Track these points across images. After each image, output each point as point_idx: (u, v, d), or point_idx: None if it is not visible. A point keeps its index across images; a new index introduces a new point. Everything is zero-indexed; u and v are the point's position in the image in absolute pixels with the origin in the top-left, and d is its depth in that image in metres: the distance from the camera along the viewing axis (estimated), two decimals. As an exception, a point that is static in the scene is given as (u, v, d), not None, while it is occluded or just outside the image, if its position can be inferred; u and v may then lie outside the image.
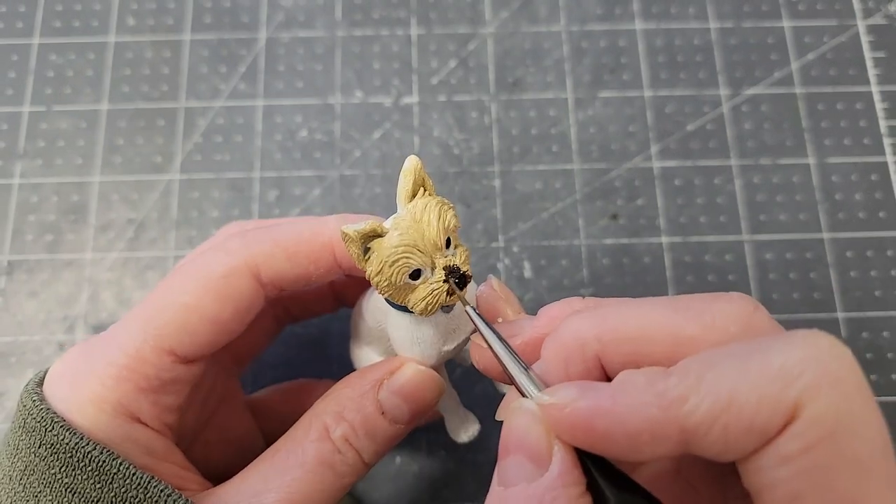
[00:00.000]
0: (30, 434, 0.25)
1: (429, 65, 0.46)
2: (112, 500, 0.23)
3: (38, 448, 0.24)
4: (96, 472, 0.24)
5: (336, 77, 0.46)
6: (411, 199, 0.24)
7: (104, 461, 0.24)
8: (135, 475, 0.24)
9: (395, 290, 0.24)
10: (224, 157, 0.44)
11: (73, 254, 0.42)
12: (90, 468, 0.24)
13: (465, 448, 0.36)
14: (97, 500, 0.24)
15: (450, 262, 0.24)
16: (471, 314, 0.24)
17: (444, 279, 0.24)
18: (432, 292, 0.24)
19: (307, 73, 0.46)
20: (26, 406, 0.25)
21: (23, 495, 0.24)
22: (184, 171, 0.44)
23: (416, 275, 0.24)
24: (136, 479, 0.24)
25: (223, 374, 0.33)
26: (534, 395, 0.21)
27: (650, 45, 0.46)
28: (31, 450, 0.24)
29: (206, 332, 0.26)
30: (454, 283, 0.24)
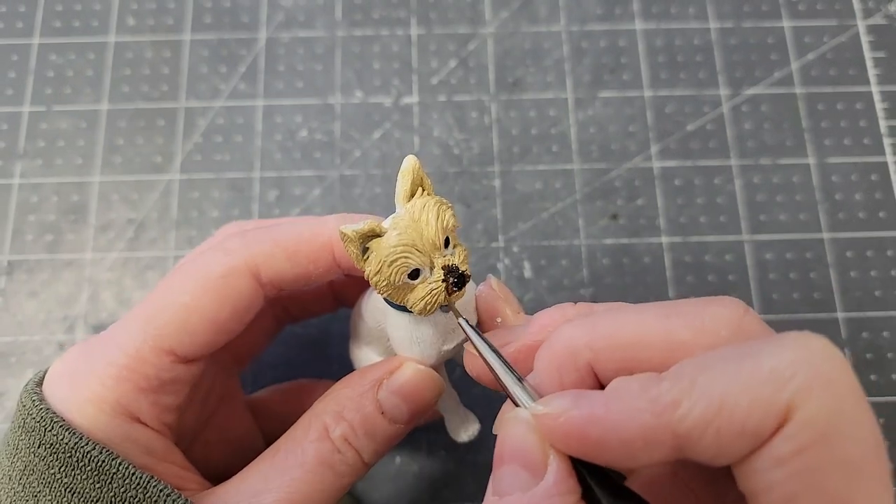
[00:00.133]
0: (29, 434, 0.25)
1: (429, 65, 0.46)
2: (111, 499, 0.24)
3: (38, 448, 0.24)
4: (95, 472, 0.24)
5: (336, 77, 0.46)
6: (410, 199, 0.24)
7: (103, 461, 0.24)
8: (134, 475, 0.24)
9: (394, 289, 0.24)
10: (224, 157, 0.44)
11: (73, 254, 0.42)
12: (89, 468, 0.24)
13: (465, 448, 0.37)
14: (96, 500, 0.24)
15: (448, 262, 0.24)
16: (464, 326, 0.24)
17: (443, 279, 0.24)
18: (431, 292, 0.24)
19: (307, 73, 0.46)
20: (26, 406, 0.25)
21: (22, 495, 0.24)
22: (184, 171, 0.44)
23: (414, 274, 0.24)
24: (136, 478, 0.24)
25: (223, 374, 0.33)
26: (528, 405, 0.21)
27: (650, 45, 0.46)
28: (31, 449, 0.24)
29: (205, 331, 0.26)
30: (452, 283, 0.24)
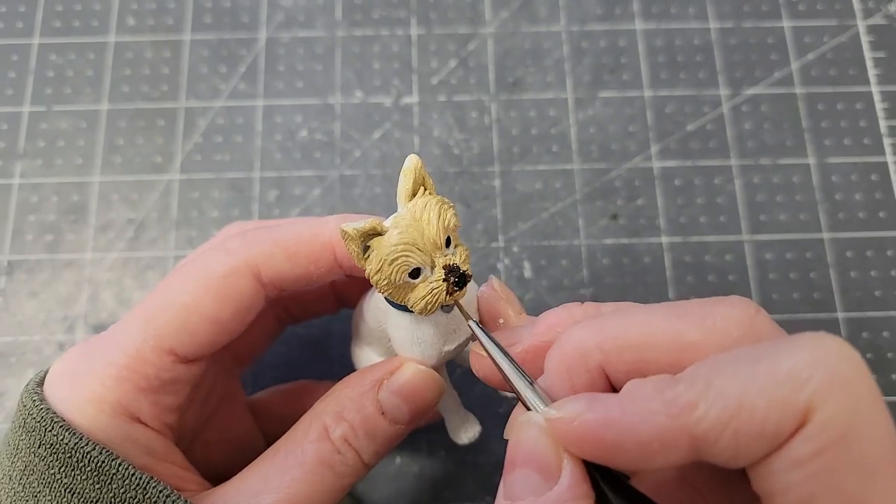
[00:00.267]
0: (29, 434, 0.25)
1: (429, 65, 0.46)
2: (111, 500, 0.23)
3: (38, 448, 0.24)
4: (95, 473, 0.24)
5: (336, 77, 0.46)
6: (411, 198, 0.24)
7: (103, 461, 0.24)
8: (134, 475, 0.24)
9: (395, 288, 0.24)
10: (224, 157, 0.44)
11: (73, 254, 0.42)
12: (89, 468, 0.24)
13: (466, 449, 0.36)
14: (96, 501, 0.24)
15: (449, 262, 0.24)
16: (473, 328, 0.24)
17: (444, 278, 0.24)
18: (432, 291, 0.24)
19: (307, 73, 0.46)
20: (26, 406, 0.25)
21: (22, 495, 0.24)
22: (184, 171, 0.44)
23: (415, 273, 0.24)
24: (136, 479, 0.24)
25: (224, 374, 0.33)
26: (540, 409, 0.21)
27: (650, 45, 0.46)
28: (31, 450, 0.24)
29: (206, 332, 0.26)
30: (453, 283, 0.24)
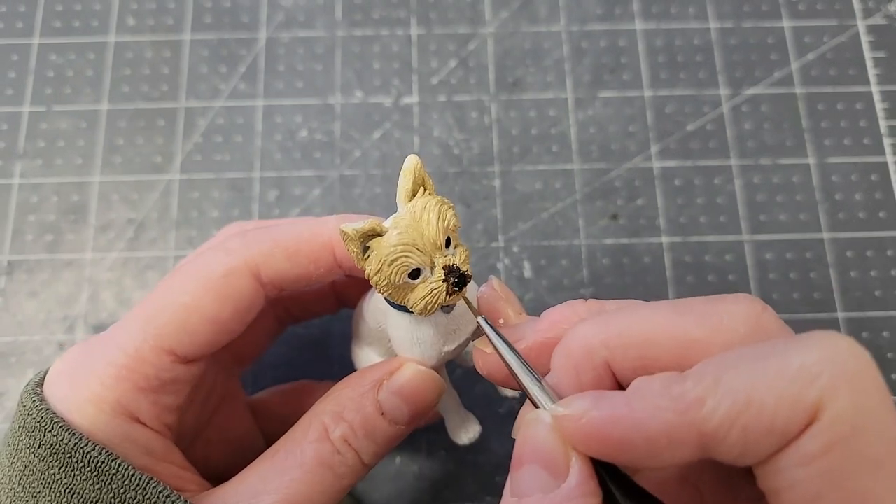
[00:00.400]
0: (29, 434, 0.25)
1: (429, 65, 0.46)
2: (111, 500, 0.23)
3: (38, 448, 0.24)
4: (95, 473, 0.24)
5: (336, 77, 0.46)
6: (411, 199, 0.24)
7: (103, 462, 0.24)
8: (133, 476, 0.24)
9: (395, 289, 0.24)
10: (224, 157, 0.44)
11: (73, 254, 0.42)
12: (89, 469, 0.24)
13: (465, 449, 0.36)
14: (96, 501, 0.24)
15: (449, 262, 0.24)
16: (482, 324, 0.24)
17: (444, 278, 0.24)
18: (432, 292, 0.24)
19: (307, 73, 0.46)
20: (26, 406, 0.25)
21: (22, 495, 0.24)
22: (184, 171, 0.44)
23: (415, 274, 0.24)
24: (135, 479, 0.24)
25: (223, 375, 0.33)
26: (548, 406, 0.21)
27: (650, 45, 0.46)
28: (31, 450, 0.24)
29: (205, 332, 0.26)
30: (453, 283, 0.24)
